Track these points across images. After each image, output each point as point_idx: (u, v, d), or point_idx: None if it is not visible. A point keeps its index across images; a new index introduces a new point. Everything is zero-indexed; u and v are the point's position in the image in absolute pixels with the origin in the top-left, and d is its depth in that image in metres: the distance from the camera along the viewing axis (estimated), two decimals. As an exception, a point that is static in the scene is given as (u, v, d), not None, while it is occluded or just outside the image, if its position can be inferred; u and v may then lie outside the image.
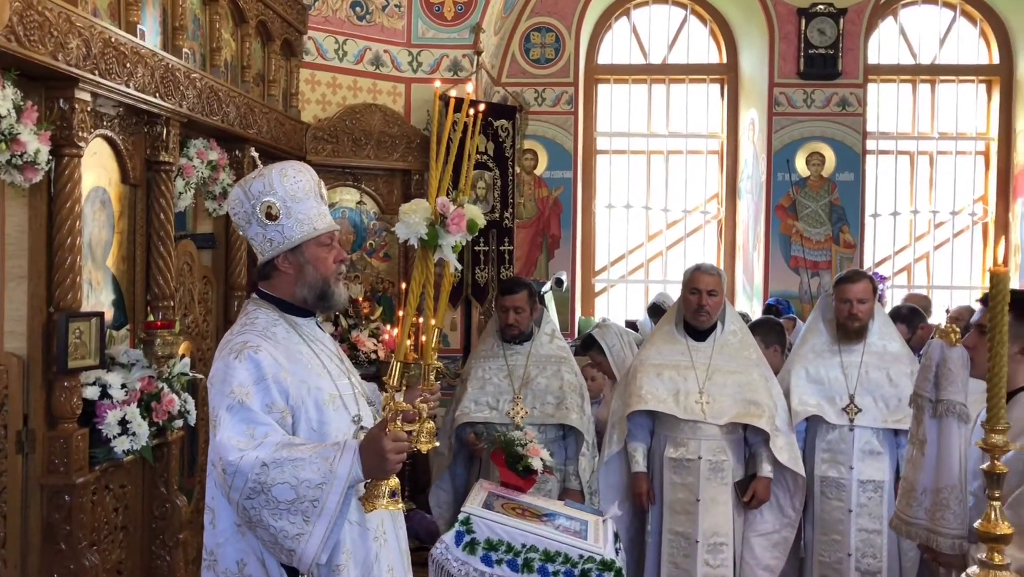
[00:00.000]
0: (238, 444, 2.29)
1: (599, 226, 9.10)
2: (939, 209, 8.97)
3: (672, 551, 4.29)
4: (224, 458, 2.28)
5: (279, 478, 2.25)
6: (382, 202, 6.68)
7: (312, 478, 2.25)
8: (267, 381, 2.37)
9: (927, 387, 2.91)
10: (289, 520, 2.26)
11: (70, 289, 3.32)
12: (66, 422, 3.32)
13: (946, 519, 2.82)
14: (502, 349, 4.54)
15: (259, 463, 2.25)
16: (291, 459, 2.26)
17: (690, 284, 4.40)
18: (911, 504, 2.95)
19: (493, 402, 4.40)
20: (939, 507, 2.84)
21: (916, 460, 2.96)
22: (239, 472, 2.26)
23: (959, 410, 2.84)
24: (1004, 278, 1.77)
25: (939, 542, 2.85)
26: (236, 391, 2.33)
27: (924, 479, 2.90)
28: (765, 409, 4.25)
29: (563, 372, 4.50)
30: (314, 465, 2.26)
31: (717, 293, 4.36)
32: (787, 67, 8.37)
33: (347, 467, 2.26)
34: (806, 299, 8.15)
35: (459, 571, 3.34)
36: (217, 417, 2.35)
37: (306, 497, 2.25)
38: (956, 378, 2.84)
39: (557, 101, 8.39)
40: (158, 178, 4.05)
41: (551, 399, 4.40)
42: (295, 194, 2.50)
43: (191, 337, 4.55)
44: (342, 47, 6.60)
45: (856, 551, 4.35)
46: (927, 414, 2.91)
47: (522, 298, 4.47)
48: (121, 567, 3.83)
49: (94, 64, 3.32)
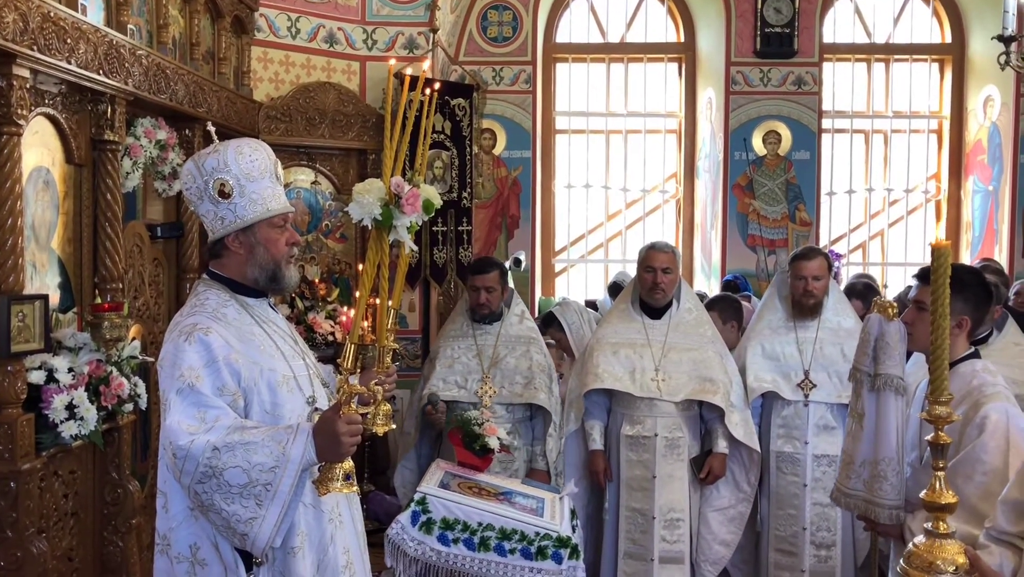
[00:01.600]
0: (188, 428, 2.25)
1: (558, 206, 9.08)
2: (893, 187, 9.07)
3: (630, 527, 4.33)
4: (174, 443, 2.25)
5: (231, 462, 2.22)
6: (337, 182, 6.60)
7: (265, 461, 2.22)
8: (218, 363, 2.33)
9: (865, 361, 2.96)
10: (242, 504, 2.23)
11: (12, 271, 3.24)
12: (10, 407, 3.24)
13: (883, 490, 2.88)
14: (471, 329, 4.54)
15: (210, 447, 2.22)
16: (243, 443, 2.23)
17: (645, 262, 4.42)
18: (850, 476, 3.01)
19: (461, 381, 4.41)
20: (877, 478, 2.89)
21: (855, 433, 3.01)
22: (189, 456, 2.22)
23: (896, 383, 2.90)
24: (945, 252, 1.79)
25: (877, 512, 2.91)
26: (186, 374, 2.29)
27: (863, 451, 2.96)
28: (720, 386, 4.29)
29: (532, 352, 4.50)
30: (267, 448, 2.23)
31: (671, 271, 4.39)
32: (744, 46, 8.40)
33: (300, 450, 2.23)
34: (763, 277, 8.22)
35: (415, 551, 3.33)
36: (167, 401, 2.31)
37: (259, 481, 2.22)
38: (893, 352, 2.89)
39: (515, 80, 8.34)
40: (104, 158, 3.95)
41: (520, 379, 4.41)
42: (250, 173, 2.45)
43: (142, 320, 4.47)
44: (295, 24, 6.49)
45: (811, 524, 4.42)
46: (865, 388, 2.97)
47: (493, 278, 4.48)
48: (72, 554, 3.76)
49: (32, 39, 3.22)
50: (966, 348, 2.93)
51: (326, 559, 2.48)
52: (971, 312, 2.88)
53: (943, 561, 1.84)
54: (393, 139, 2.28)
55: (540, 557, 3.37)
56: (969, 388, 2.80)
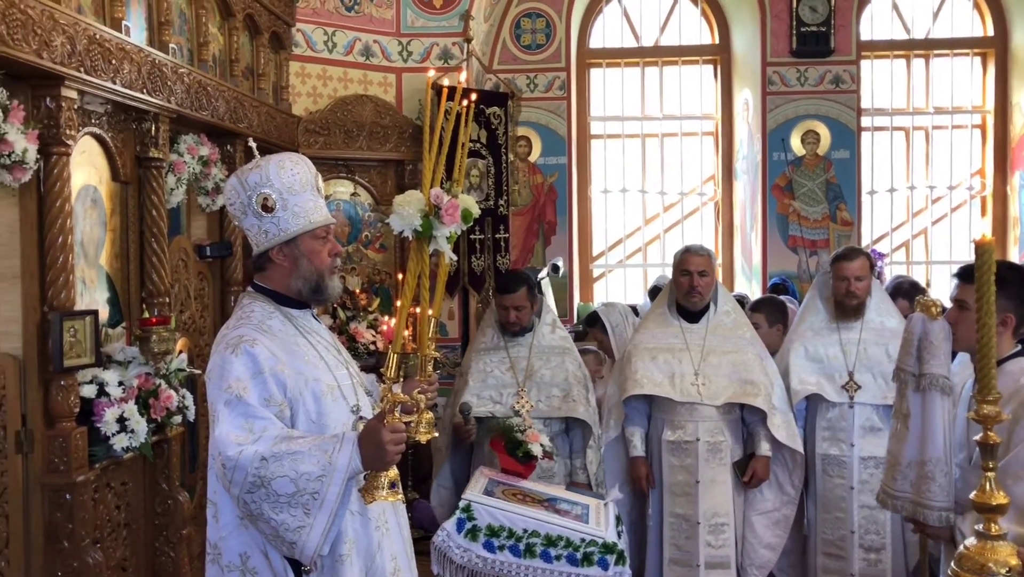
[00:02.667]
0: (236, 439, 2.29)
1: (595, 211, 9.07)
2: (936, 184, 8.93)
3: (674, 533, 4.30)
4: (223, 453, 2.28)
5: (279, 472, 2.25)
6: (376, 193, 6.66)
7: (312, 471, 2.25)
8: (264, 375, 2.36)
9: (909, 361, 2.92)
10: (290, 513, 2.26)
11: (63, 288, 3.32)
12: (64, 421, 3.32)
13: (932, 491, 2.84)
14: (503, 341, 4.40)
15: (258, 457, 2.26)
16: (290, 452, 2.26)
17: (680, 266, 4.39)
18: (896, 477, 2.97)
19: (496, 396, 4.27)
20: (924, 480, 2.85)
21: (900, 434, 2.97)
22: (238, 467, 2.26)
23: (942, 383, 2.85)
24: (989, 248, 1.76)
25: (926, 515, 2.87)
26: (233, 385, 2.33)
27: (909, 452, 2.92)
28: (761, 388, 4.25)
29: (567, 363, 4.39)
30: (313, 458, 2.26)
31: (708, 274, 4.35)
32: (779, 46, 8.33)
33: (346, 458, 2.26)
34: (805, 278, 8.13)
35: (461, 558, 3.34)
36: (215, 412, 2.35)
37: (306, 490, 2.25)
38: (938, 351, 2.85)
39: (549, 87, 8.36)
40: (149, 175, 4.04)
41: (556, 392, 4.31)
42: (292, 186, 2.49)
43: (188, 333, 4.55)
44: (331, 38, 6.57)
45: (859, 528, 4.36)
46: (910, 388, 2.93)
47: (522, 296, 4.31)
48: (126, 564, 3.83)
49: (79, 61, 3.30)
50: (1012, 346, 2.88)
51: (374, 566, 2.50)
52: (1015, 309, 2.84)
53: (995, 563, 1.81)
54: (432, 150, 2.30)
55: (586, 563, 3.36)
56: (1017, 386, 2.75)
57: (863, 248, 5.01)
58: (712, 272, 4.40)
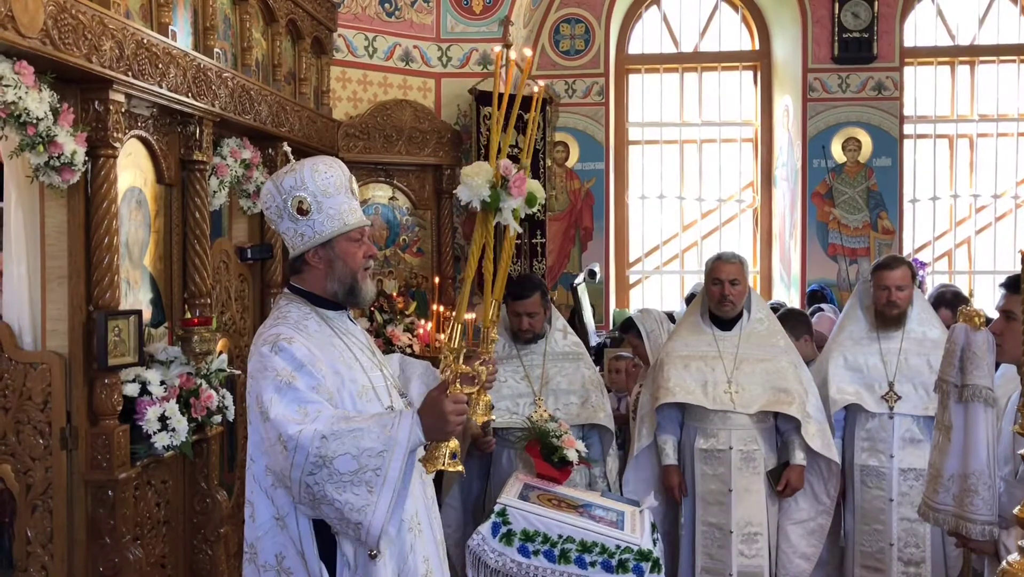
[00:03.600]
0: (294, 419, 2.30)
1: (632, 217, 9.04)
2: (980, 193, 8.79)
3: (707, 542, 4.26)
4: (284, 433, 2.29)
5: (340, 449, 2.26)
6: (414, 197, 6.71)
7: (373, 446, 2.27)
8: (306, 367, 2.39)
9: (952, 372, 2.87)
10: (353, 492, 2.26)
11: (108, 288, 3.38)
12: (107, 419, 3.38)
13: (975, 505, 2.79)
14: (515, 349, 4.28)
15: (318, 436, 2.27)
16: (350, 430, 2.28)
17: (712, 274, 4.36)
18: (938, 490, 2.92)
19: (512, 406, 4.16)
20: (967, 493, 2.80)
21: (942, 446, 2.93)
22: (299, 447, 2.27)
23: (985, 395, 2.80)
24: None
25: (968, 529, 2.82)
26: (281, 373, 2.35)
27: (951, 465, 2.87)
28: (795, 396, 4.21)
29: (582, 369, 4.32)
30: (373, 433, 2.28)
31: (739, 282, 4.31)
32: (821, 52, 8.26)
33: (407, 432, 2.29)
34: (844, 287, 8.04)
35: (496, 562, 3.34)
36: (266, 400, 2.34)
37: (368, 466, 2.26)
38: (981, 362, 2.80)
39: (588, 92, 8.35)
40: (192, 177, 4.10)
41: (574, 399, 4.25)
42: (326, 189, 2.52)
43: (228, 334, 4.61)
44: (372, 44, 6.63)
45: (899, 540, 4.29)
46: (952, 399, 2.88)
47: (535, 302, 4.21)
48: (164, 561, 3.88)
49: (127, 65, 3.36)
50: None
51: (406, 567, 2.51)
52: None
53: (1039, 579, 1.78)
54: (499, 123, 2.34)
55: (621, 570, 3.35)
56: None
57: (905, 257, 4.92)
58: (744, 280, 4.35)
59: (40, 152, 3.03)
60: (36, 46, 2.87)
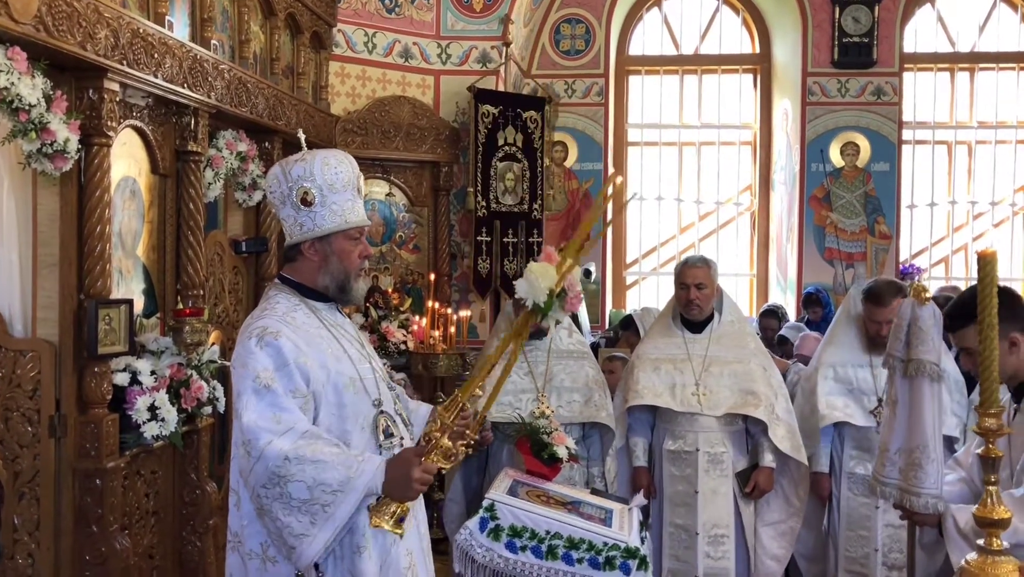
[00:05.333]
0: (267, 427, 2.31)
1: (630, 218, 9.05)
2: (978, 199, 8.80)
3: (673, 544, 4.26)
4: (253, 443, 2.30)
5: (298, 475, 2.27)
6: (411, 194, 6.70)
7: (329, 483, 2.27)
8: (289, 367, 2.38)
9: (898, 347, 2.89)
10: (297, 519, 2.28)
11: (100, 277, 3.37)
12: (96, 407, 3.37)
13: (918, 478, 2.82)
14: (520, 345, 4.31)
15: (282, 456, 2.27)
16: (313, 460, 2.28)
17: (679, 279, 4.35)
18: (885, 464, 2.96)
19: (515, 401, 4.15)
20: (912, 467, 2.83)
21: (889, 421, 2.97)
22: (262, 458, 2.28)
23: (930, 369, 2.81)
24: (991, 260, 1.75)
25: (912, 501, 2.85)
26: (261, 375, 2.35)
27: (897, 439, 2.91)
28: (762, 399, 4.20)
29: (586, 367, 4.32)
30: (334, 471, 2.28)
31: (705, 286, 4.30)
32: (821, 56, 8.26)
33: (367, 479, 2.29)
34: (840, 291, 8.03)
35: (483, 557, 3.33)
36: (243, 400, 2.36)
37: (319, 501, 2.27)
38: (927, 337, 2.82)
39: (587, 93, 8.36)
40: (187, 168, 4.09)
41: (578, 397, 4.24)
42: (333, 184, 2.51)
43: (221, 327, 4.60)
44: (371, 40, 6.62)
45: (883, 546, 4.29)
46: (898, 374, 2.90)
47: None
48: (153, 551, 3.88)
49: (122, 54, 3.36)
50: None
51: (388, 559, 2.51)
52: (1021, 329, 2.78)
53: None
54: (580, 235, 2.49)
55: (608, 568, 3.33)
56: None
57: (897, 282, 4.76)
58: (711, 284, 4.33)
59: (32, 139, 3.02)
60: (29, 32, 2.87)
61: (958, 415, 4.17)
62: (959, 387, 4.22)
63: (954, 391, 4.22)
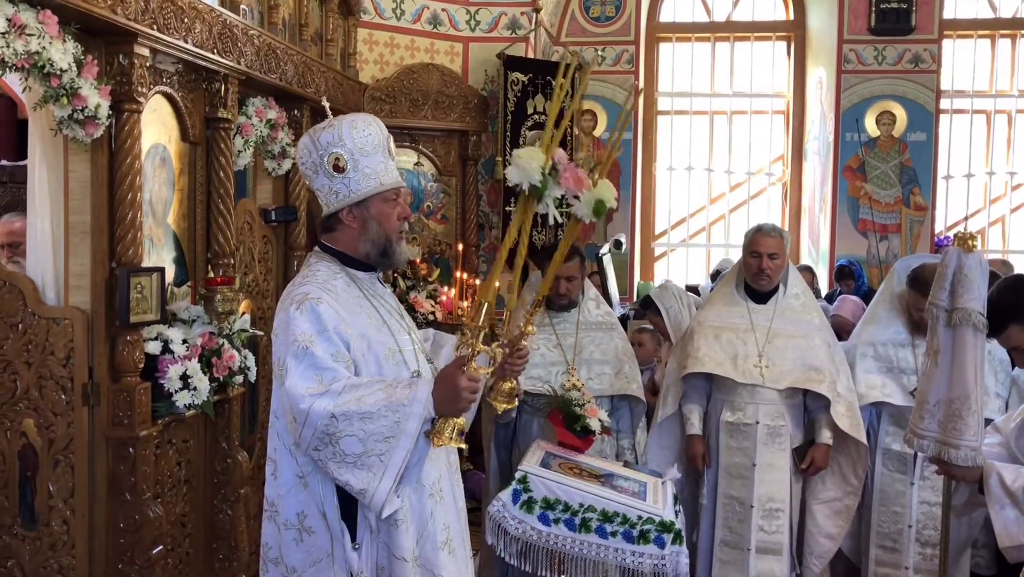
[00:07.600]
0: (307, 390, 2.29)
1: (659, 188, 8.94)
2: (1016, 170, 8.60)
3: (727, 515, 4.21)
4: (295, 407, 2.29)
5: (347, 430, 2.26)
6: (439, 163, 6.64)
7: (380, 431, 2.27)
8: (328, 332, 2.36)
9: (942, 296, 2.81)
10: (354, 474, 2.28)
11: (131, 245, 3.35)
12: (129, 376, 3.36)
13: (958, 429, 2.75)
14: (548, 317, 4.21)
15: (327, 414, 2.26)
16: (359, 412, 2.26)
17: (751, 247, 4.26)
18: (923, 417, 2.88)
19: (544, 374, 4.12)
20: (952, 418, 2.76)
21: (930, 372, 2.88)
22: (308, 421, 2.27)
23: (975, 319, 2.73)
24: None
25: (951, 454, 2.78)
26: (300, 339, 2.33)
27: (937, 390, 2.83)
28: (826, 375, 4.12)
29: (615, 339, 4.28)
30: (383, 420, 2.27)
31: (778, 256, 4.21)
32: (857, 23, 8.07)
33: (416, 421, 2.28)
34: (874, 263, 7.92)
35: (516, 529, 3.31)
36: (284, 366, 2.34)
37: (373, 451, 2.27)
38: (972, 286, 2.73)
39: (617, 60, 8.22)
40: (217, 136, 4.05)
41: (608, 369, 4.20)
42: (363, 147, 2.47)
43: (251, 296, 4.58)
44: (399, 6, 6.54)
45: (917, 523, 4.23)
46: (941, 324, 2.81)
47: (575, 266, 4.17)
48: (185, 520, 3.89)
49: (152, 19, 3.31)
50: None
51: (425, 532, 2.49)
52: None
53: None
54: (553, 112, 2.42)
55: (642, 541, 3.30)
56: None
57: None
58: (783, 254, 4.25)
59: (64, 104, 2.99)
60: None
61: (1002, 396, 4.08)
62: (1004, 366, 4.13)
63: (999, 371, 4.13)
